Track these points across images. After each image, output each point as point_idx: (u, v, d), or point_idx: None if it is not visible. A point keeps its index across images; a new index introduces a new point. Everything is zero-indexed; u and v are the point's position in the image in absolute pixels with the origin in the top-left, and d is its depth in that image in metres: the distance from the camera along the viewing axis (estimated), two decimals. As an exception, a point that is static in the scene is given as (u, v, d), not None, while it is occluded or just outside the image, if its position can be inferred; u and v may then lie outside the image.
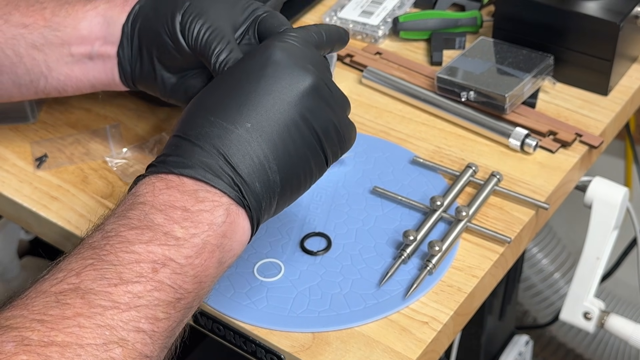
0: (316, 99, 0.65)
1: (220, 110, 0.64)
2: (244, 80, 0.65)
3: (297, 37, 0.68)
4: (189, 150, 0.62)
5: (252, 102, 0.64)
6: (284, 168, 0.64)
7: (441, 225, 0.83)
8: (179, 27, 0.74)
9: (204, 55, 0.73)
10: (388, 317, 0.75)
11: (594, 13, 0.94)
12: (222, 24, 0.73)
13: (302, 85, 0.65)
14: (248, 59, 0.67)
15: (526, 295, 1.52)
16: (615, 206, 0.94)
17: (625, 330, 1.02)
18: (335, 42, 0.73)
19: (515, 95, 0.92)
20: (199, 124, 0.63)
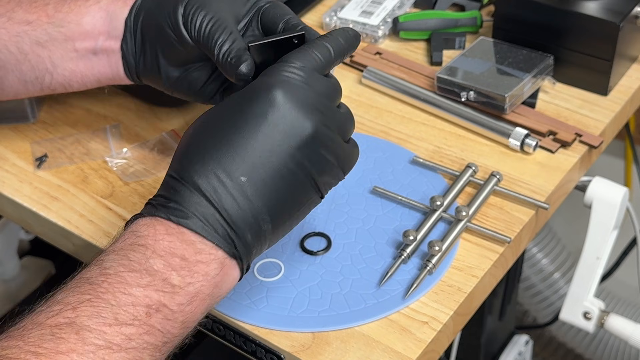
0: (315, 145, 0.65)
1: (218, 157, 0.63)
2: (242, 125, 0.64)
3: (300, 71, 0.66)
4: (187, 198, 0.62)
5: (249, 153, 0.63)
6: (277, 217, 0.64)
7: (441, 225, 0.83)
8: (182, 20, 0.74)
9: (207, 46, 0.73)
10: (388, 317, 0.75)
11: (594, 13, 0.94)
12: (224, 16, 0.73)
13: (302, 134, 0.64)
14: (249, 96, 0.65)
15: (526, 295, 1.52)
16: (615, 206, 0.94)
17: (625, 330, 1.02)
18: (345, 52, 0.70)
19: (515, 95, 0.92)
20: (197, 171, 0.63)
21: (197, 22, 0.73)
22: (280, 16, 0.74)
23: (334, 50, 0.69)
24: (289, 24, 0.74)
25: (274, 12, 0.75)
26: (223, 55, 0.71)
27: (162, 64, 0.78)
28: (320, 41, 0.68)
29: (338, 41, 0.69)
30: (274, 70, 0.66)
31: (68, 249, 0.87)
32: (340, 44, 0.69)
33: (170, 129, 0.94)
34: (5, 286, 1.35)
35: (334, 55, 0.69)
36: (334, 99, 0.68)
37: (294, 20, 0.74)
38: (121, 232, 0.63)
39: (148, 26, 0.77)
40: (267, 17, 0.75)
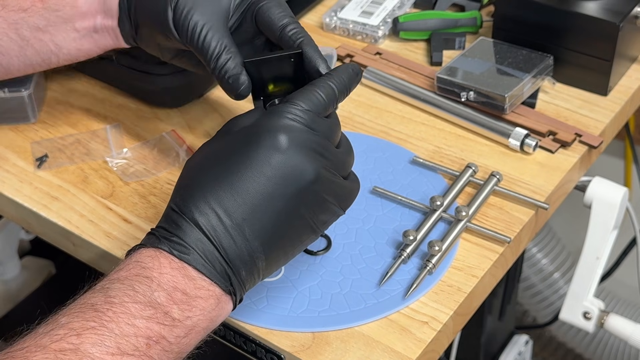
0: (316, 189, 0.66)
1: (219, 197, 0.64)
2: (246, 168, 0.65)
3: (304, 114, 0.67)
4: (188, 233, 0.63)
5: (250, 196, 0.64)
6: (272, 255, 0.66)
7: (441, 225, 0.83)
8: (172, 23, 0.75)
9: (201, 55, 0.74)
10: (388, 317, 0.75)
11: (594, 13, 0.94)
12: (215, 18, 0.74)
13: (304, 180, 0.65)
14: (254, 139, 0.66)
15: (526, 295, 1.52)
16: (614, 206, 0.94)
17: (625, 330, 1.02)
18: (347, 90, 0.71)
19: (515, 96, 0.92)
20: (198, 207, 0.64)
21: (188, 28, 0.74)
22: (278, 19, 0.75)
23: (338, 89, 0.70)
24: (287, 31, 0.74)
25: (272, 12, 0.75)
26: (219, 71, 0.73)
27: (160, 46, 0.79)
28: (324, 81, 0.69)
29: (341, 79, 0.70)
30: (279, 112, 0.66)
31: (68, 249, 0.87)
32: (343, 83, 0.70)
33: (171, 129, 0.94)
34: (6, 286, 1.35)
35: (337, 95, 0.70)
36: (335, 139, 0.69)
37: (292, 28, 0.75)
38: (124, 261, 0.64)
39: (142, 14, 0.78)
40: (264, 17, 0.75)
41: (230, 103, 0.98)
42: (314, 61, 0.74)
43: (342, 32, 1.07)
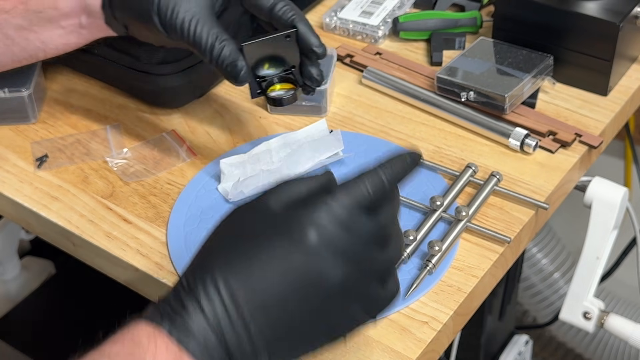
0: (342, 299, 0.58)
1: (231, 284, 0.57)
2: (264, 260, 0.57)
3: (344, 210, 0.58)
4: (193, 316, 0.57)
5: (265, 292, 0.57)
6: (278, 356, 0.58)
7: (441, 225, 0.83)
8: (160, 25, 0.75)
9: (195, 49, 0.74)
10: (388, 317, 0.75)
11: (594, 13, 0.94)
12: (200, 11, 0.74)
13: (328, 286, 0.57)
14: (284, 228, 0.58)
15: (526, 295, 1.52)
16: (614, 206, 0.94)
17: (625, 330, 1.02)
18: (401, 181, 0.62)
19: (515, 96, 0.92)
20: (208, 292, 0.57)
21: (177, 26, 0.74)
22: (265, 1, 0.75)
23: (389, 182, 0.61)
24: (277, 10, 0.74)
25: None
26: (217, 61, 0.73)
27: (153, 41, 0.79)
28: (375, 172, 0.61)
29: (394, 170, 0.61)
30: (317, 204, 0.58)
31: (68, 249, 0.87)
32: (396, 174, 0.62)
33: (171, 129, 0.94)
34: (6, 286, 1.35)
35: (388, 188, 0.61)
36: (383, 240, 0.60)
37: (281, 5, 0.74)
38: (122, 331, 0.59)
39: (128, 19, 0.78)
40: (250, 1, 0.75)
41: (231, 103, 0.98)
42: (308, 38, 0.74)
43: (342, 32, 1.07)
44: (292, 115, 0.96)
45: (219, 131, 0.94)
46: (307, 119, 0.95)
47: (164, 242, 0.82)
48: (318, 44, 0.75)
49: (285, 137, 0.89)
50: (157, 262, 0.80)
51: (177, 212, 0.84)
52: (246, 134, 0.94)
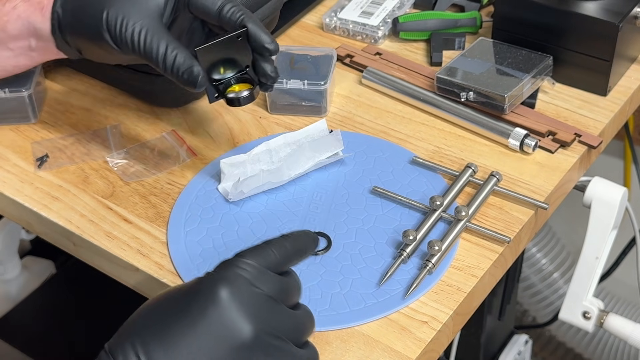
0: (255, 353, 0.60)
1: (147, 344, 0.60)
2: (179, 317, 0.61)
3: (251, 269, 0.63)
4: None
5: (177, 349, 0.59)
6: None
7: (441, 225, 0.83)
8: (111, 41, 0.75)
9: (149, 61, 0.74)
10: (388, 317, 0.75)
11: (593, 13, 0.94)
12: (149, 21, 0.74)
13: (240, 339, 0.60)
14: (196, 289, 0.62)
15: (525, 295, 1.52)
16: (614, 206, 0.94)
17: (624, 330, 1.02)
18: (303, 253, 0.68)
19: (514, 96, 0.92)
20: (125, 352, 0.60)
21: (127, 39, 0.74)
22: (212, 2, 0.75)
23: (292, 250, 0.66)
24: (225, 12, 0.74)
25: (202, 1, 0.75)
26: (171, 70, 0.73)
27: (108, 58, 0.79)
28: (280, 240, 0.66)
29: (297, 242, 0.67)
30: (227, 265, 0.63)
31: (69, 249, 0.87)
32: (299, 246, 0.67)
33: (171, 129, 0.94)
34: (6, 286, 1.35)
35: (292, 253, 0.66)
36: (287, 299, 0.64)
37: (229, 7, 0.74)
38: None
39: (79, 40, 0.77)
40: (197, 4, 0.75)
41: (231, 103, 0.98)
42: (259, 36, 0.75)
43: (342, 32, 1.07)
44: (292, 115, 0.96)
45: (219, 131, 0.94)
46: (307, 119, 0.95)
47: (164, 241, 0.82)
48: (269, 41, 0.75)
49: (285, 137, 0.89)
50: (157, 262, 0.80)
51: (177, 212, 0.85)
52: (246, 134, 0.94)
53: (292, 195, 0.86)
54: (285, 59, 0.97)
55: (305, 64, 0.97)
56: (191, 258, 0.80)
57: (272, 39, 0.75)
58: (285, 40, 1.07)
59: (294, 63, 0.96)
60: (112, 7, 0.74)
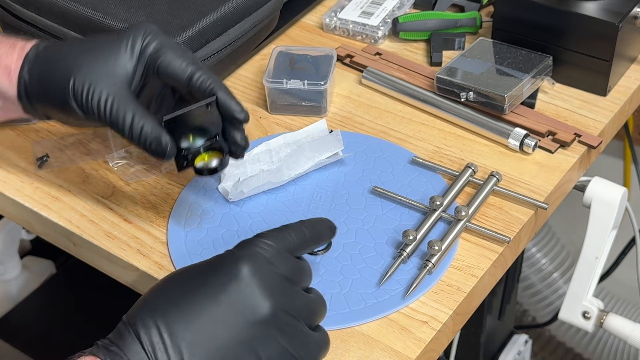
0: (271, 329, 0.62)
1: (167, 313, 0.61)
2: (201, 290, 0.63)
3: (271, 248, 0.65)
4: (129, 345, 0.60)
5: (198, 319, 0.61)
6: None
7: (440, 225, 0.83)
8: (78, 108, 0.74)
9: (115, 129, 0.73)
10: (388, 317, 0.75)
11: (593, 14, 0.94)
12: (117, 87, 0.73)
13: (258, 314, 0.62)
14: (218, 264, 0.64)
15: (525, 295, 1.52)
16: (614, 206, 0.94)
17: (624, 330, 1.02)
18: (320, 239, 0.70)
19: (514, 96, 0.92)
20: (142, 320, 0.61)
21: (93, 107, 0.73)
22: (182, 71, 0.74)
23: (310, 234, 0.69)
24: (194, 81, 0.74)
25: (174, 65, 0.74)
26: (139, 140, 0.72)
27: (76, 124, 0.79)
28: (299, 224, 0.68)
29: (315, 229, 0.69)
30: (247, 244, 0.65)
31: (69, 249, 0.87)
32: (316, 232, 0.69)
33: (171, 129, 0.94)
34: (6, 286, 1.35)
35: (309, 239, 0.68)
36: (300, 282, 0.66)
37: (198, 75, 0.74)
38: None
39: (46, 107, 0.77)
40: (167, 71, 0.74)
41: (231, 103, 0.98)
42: (229, 105, 0.74)
43: (342, 32, 1.07)
44: (292, 115, 0.96)
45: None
46: (307, 119, 0.95)
47: (164, 241, 0.82)
48: (240, 110, 0.75)
49: (285, 137, 0.89)
50: (157, 262, 0.80)
51: (177, 212, 0.85)
52: (246, 134, 0.94)
53: (292, 195, 0.86)
54: (285, 59, 0.97)
55: (305, 64, 0.97)
56: (191, 258, 0.80)
57: (242, 107, 0.75)
58: (285, 40, 1.07)
59: (294, 63, 0.97)
60: (79, 74, 0.73)
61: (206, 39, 0.93)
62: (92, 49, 0.75)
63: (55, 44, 0.77)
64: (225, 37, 0.94)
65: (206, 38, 0.93)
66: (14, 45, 0.77)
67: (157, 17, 0.92)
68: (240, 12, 0.95)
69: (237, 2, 0.95)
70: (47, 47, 0.76)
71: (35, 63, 0.75)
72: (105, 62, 0.73)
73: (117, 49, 0.74)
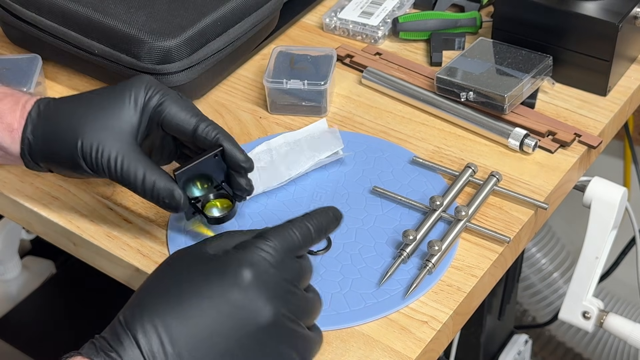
0: (272, 336, 0.62)
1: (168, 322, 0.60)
2: (202, 297, 0.62)
3: (274, 251, 0.64)
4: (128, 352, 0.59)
5: (199, 329, 0.60)
6: None
7: (441, 225, 0.83)
8: (87, 167, 0.75)
9: (126, 186, 0.75)
10: (388, 317, 0.75)
11: (593, 14, 0.94)
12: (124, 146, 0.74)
13: (259, 322, 0.62)
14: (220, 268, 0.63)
15: (525, 295, 1.52)
16: (614, 206, 0.94)
17: (624, 330, 1.02)
18: (325, 232, 0.69)
19: (514, 96, 0.92)
20: (143, 326, 0.60)
21: (103, 167, 0.74)
22: (186, 122, 0.76)
23: (315, 231, 0.67)
24: (200, 132, 0.76)
25: (178, 117, 0.76)
26: (151, 195, 0.74)
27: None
28: (302, 221, 0.67)
29: (320, 222, 0.68)
30: (250, 246, 0.64)
31: (69, 248, 0.87)
32: (321, 226, 0.68)
33: (171, 129, 0.94)
34: (6, 286, 1.35)
35: (314, 237, 0.67)
36: (302, 283, 0.66)
37: (203, 126, 0.76)
38: None
39: (53, 165, 0.78)
40: (171, 124, 0.76)
41: (231, 103, 0.98)
42: (235, 155, 0.76)
43: (342, 32, 1.07)
44: (292, 115, 0.96)
45: (219, 131, 0.94)
46: (307, 119, 0.95)
47: (164, 242, 0.82)
48: (245, 159, 0.77)
49: (285, 136, 0.89)
50: (157, 262, 0.80)
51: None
52: (246, 134, 0.94)
53: (292, 195, 0.86)
54: (285, 59, 0.97)
55: (305, 64, 0.97)
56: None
57: (247, 157, 0.77)
58: (285, 40, 1.07)
59: (294, 63, 0.96)
60: (85, 135, 0.74)
61: (206, 39, 0.93)
62: (95, 105, 0.76)
63: (57, 102, 0.77)
64: (225, 37, 0.94)
65: (206, 38, 0.93)
66: (18, 101, 0.78)
67: (157, 17, 0.92)
68: (240, 12, 0.96)
69: (237, 2, 0.95)
70: (48, 104, 0.77)
71: (38, 123, 0.76)
72: (110, 118, 0.75)
73: (121, 104, 0.75)
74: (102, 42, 0.92)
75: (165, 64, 0.91)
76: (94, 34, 0.93)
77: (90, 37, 0.93)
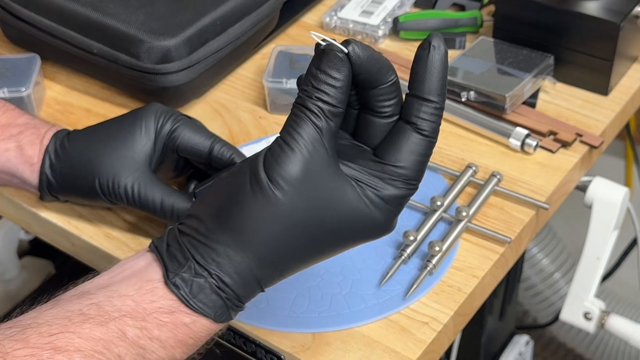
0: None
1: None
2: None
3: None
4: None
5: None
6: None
7: (441, 226, 0.83)
8: (105, 197, 0.78)
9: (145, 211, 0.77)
10: (388, 317, 0.75)
11: (594, 13, 0.94)
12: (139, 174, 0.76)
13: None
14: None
15: (526, 295, 1.52)
16: (615, 206, 0.94)
17: (626, 331, 1.02)
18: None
19: (515, 95, 0.92)
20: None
21: (121, 196, 0.77)
22: (201, 145, 0.78)
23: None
24: (215, 153, 0.78)
25: (193, 141, 0.78)
26: (172, 217, 0.76)
27: None
28: None
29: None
30: None
31: (68, 249, 0.87)
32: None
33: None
34: (5, 286, 1.35)
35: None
36: None
37: (218, 147, 0.78)
38: (133, 257, 0.61)
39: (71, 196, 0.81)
40: (186, 147, 0.79)
41: (231, 103, 0.97)
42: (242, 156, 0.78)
43: (342, 31, 1.07)
44: (292, 115, 0.95)
45: (219, 131, 0.94)
46: (307, 118, 0.95)
47: (164, 242, 0.82)
48: None
49: (285, 137, 0.89)
50: (156, 263, 0.80)
51: (176, 212, 0.84)
52: (246, 134, 0.93)
53: (292, 196, 0.86)
54: (285, 58, 0.97)
55: (305, 63, 0.96)
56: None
57: None
58: (285, 40, 1.06)
59: (294, 63, 0.96)
60: (101, 172, 0.77)
61: (206, 39, 0.92)
62: (108, 140, 0.78)
63: (72, 138, 0.80)
64: (225, 36, 0.94)
65: (206, 37, 0.92)
66: (38, 134, 0.80)
67: (156, 16, 0.92)
68: (240, 12, 0.95)
69: (237, 2, 0.95)
70: (63, 141, 0.79)
71: (56, 160, 0.79)
72: (124, 149, 0.77)
73: (132, 135, 0.78)
74: (101, 41, 0.92)
75: (165, 63, 0.90)
76: (93, 33, 0.92)
77: (89, 36, 0.93)
